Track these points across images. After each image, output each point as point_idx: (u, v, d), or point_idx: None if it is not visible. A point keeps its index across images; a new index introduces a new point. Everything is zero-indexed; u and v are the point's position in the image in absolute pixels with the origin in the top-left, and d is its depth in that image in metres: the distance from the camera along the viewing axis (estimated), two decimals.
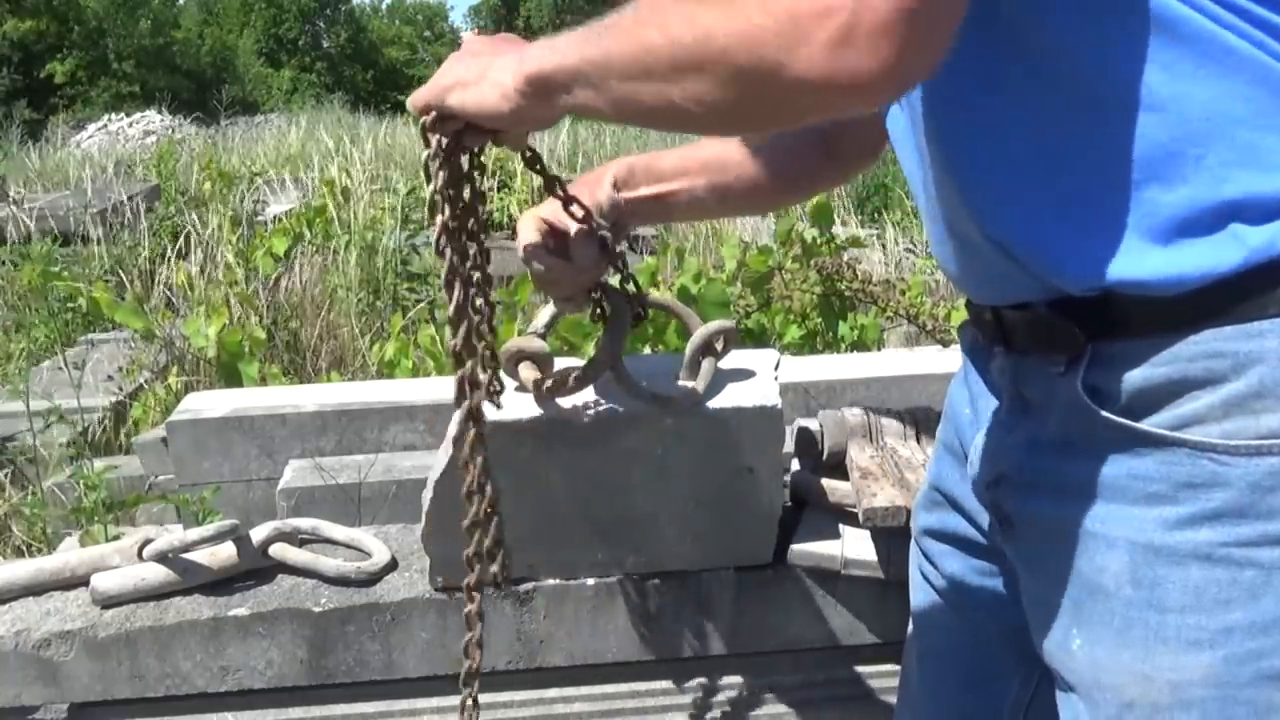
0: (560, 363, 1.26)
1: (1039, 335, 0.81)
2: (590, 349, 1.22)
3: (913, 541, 1.11)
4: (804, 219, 3.72)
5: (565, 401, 1.26)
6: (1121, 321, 0.75)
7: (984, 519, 0.95)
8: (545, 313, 1.29)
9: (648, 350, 2.89)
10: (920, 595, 1.10)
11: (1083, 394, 0.77)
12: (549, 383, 1.21)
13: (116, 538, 1.59)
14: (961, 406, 1.00)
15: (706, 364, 1.26)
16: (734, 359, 1.33)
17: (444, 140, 0.91)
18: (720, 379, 1.29)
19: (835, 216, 4.37)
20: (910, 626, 1.13)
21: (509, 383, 1.30)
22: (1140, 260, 0.73)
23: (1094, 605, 0.79)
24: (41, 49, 28.15)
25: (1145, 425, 0.74)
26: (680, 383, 1.27)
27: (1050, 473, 0.82)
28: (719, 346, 1.27)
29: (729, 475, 1.31)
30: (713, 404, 1.27)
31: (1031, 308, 0.81)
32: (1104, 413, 0.76)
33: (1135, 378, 0.75)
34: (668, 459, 1.29)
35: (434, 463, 1.32)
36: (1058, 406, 0.81)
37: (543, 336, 1.26)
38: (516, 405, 1.26)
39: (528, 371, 1.23)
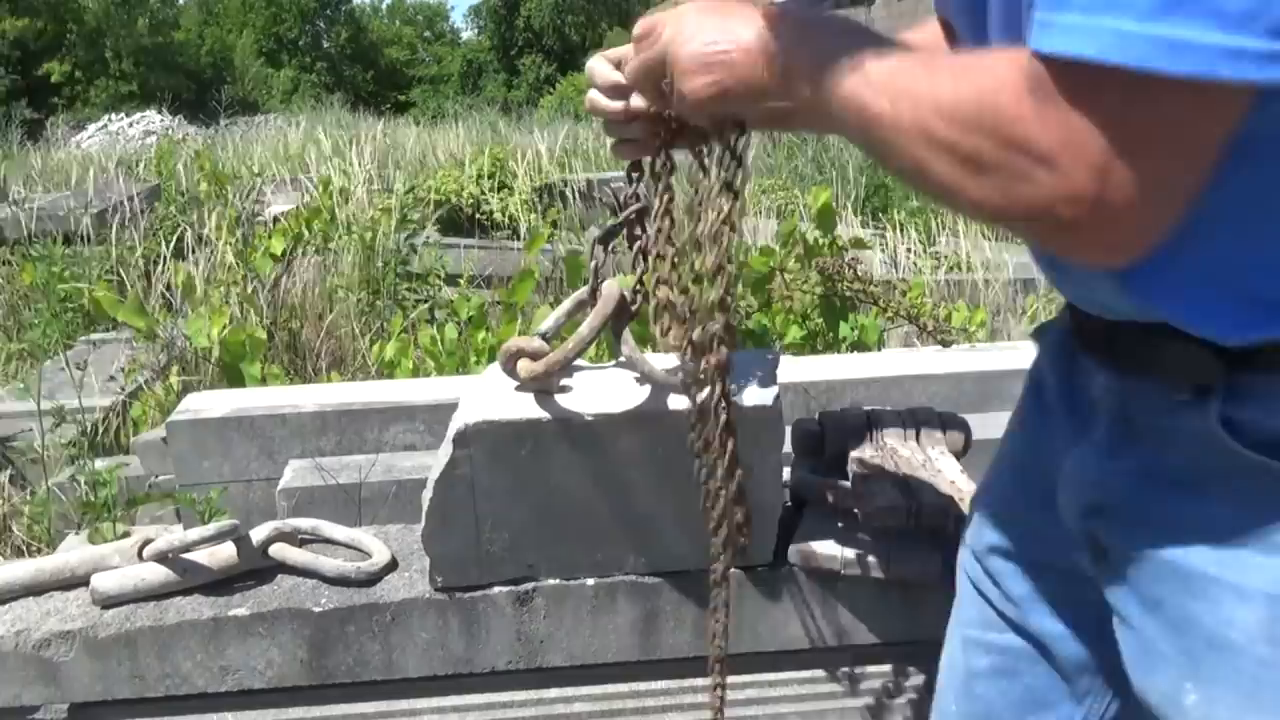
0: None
1: (1164, 357, 0.74)
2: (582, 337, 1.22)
3: (968, 554, 1.04)
4: (805, 220, 3.72)
5: (566, 401, 1.26)
6: (1270, 353, 0.69)
7: (1059, 544, 0.88)
8: (551, 316, 1.29)
9: (648, 351, 2.89)
10: (975, 612, 1.02)
11: (1219, 428, 0.70)
12: (542, 367, 1.21)
13: (125, 535, 1.59)
14: (1041, 420, 0.93)
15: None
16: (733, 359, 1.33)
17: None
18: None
19: (838, 218, 4.37)
20: (954, 643, 1.06)
21: (510, 383, 1.30)
22: None
23: (1218, 660, 0.72)
24: (39, 48, 28.13)
25: None
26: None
27: (1169, 509, 0.75)
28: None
29: None
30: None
31: (1158, 326, 0.73)
32: (1243, 450, 0.69)
33: None
34: (668, 459, 1.29)
35: (434, 462, 1.32)
36: (1181, 438, 0.74)
37: (545, 339, 1.26)
38: (517, 405, 1.26)
39: (526, 365, 1.24)
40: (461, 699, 1.41)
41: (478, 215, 7.03)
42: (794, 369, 2.27)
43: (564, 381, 1.29)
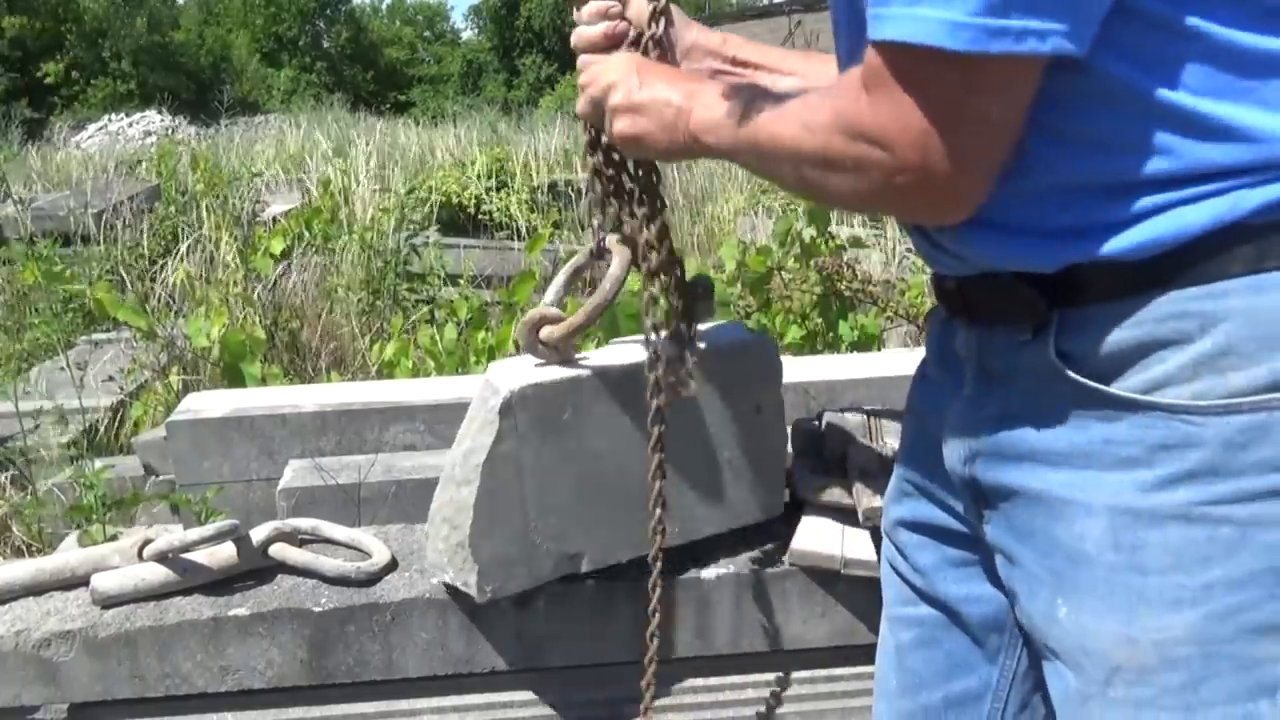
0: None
1: (1003, 303, 0.82)
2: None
3: (884, 536, 1.12)
4: (802, 218, 3.72)
5: (594, 361, 1.30)
6: (1087, 287, 0.77)
7: (957, 504, 0.96)
8: (551, 290, 1.30)
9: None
10: (893, 590, 1.09)
11: (1055, 359, 0.79)
12: (582, 317, 1.23)
13: (114, 537, 1.59)
14: (927, 393, 1.01)
15: (700, 307, 1.29)
16: (710, 324, 1.37)
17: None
18: (712, 332, 1.35)
19: (836, 217, 4.36)
20: (884, 622, 1.13)
21: (530, 361, 1.31)
22: (1106, 236, 0.74)
23: (1077, 573, 0.80)
24: (38, 48, 28.10)
25: (1116, 389, 0.76)
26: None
27: (1024, 444, 0.83)
28: (703, 296, 1.30)
29: (741, 420, 1.35)
30: (718, 346, 1.33)
31: (995, 276, 0.83)
32: (1076, 376, 0.78)
33: (1104, 341, 0.77)
34: (687, 415, 1.31)
35: (452, 458, 1.30)
36: (1025, 375, 0.82)
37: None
38: (551, 372, 1.28)
39: (550, 331, 1.25)
40: (461, 699, 1.41)
41: (478, 215, 7.04)
42: (794, 369, 2.26)
43: (579, 358, 1.31)
